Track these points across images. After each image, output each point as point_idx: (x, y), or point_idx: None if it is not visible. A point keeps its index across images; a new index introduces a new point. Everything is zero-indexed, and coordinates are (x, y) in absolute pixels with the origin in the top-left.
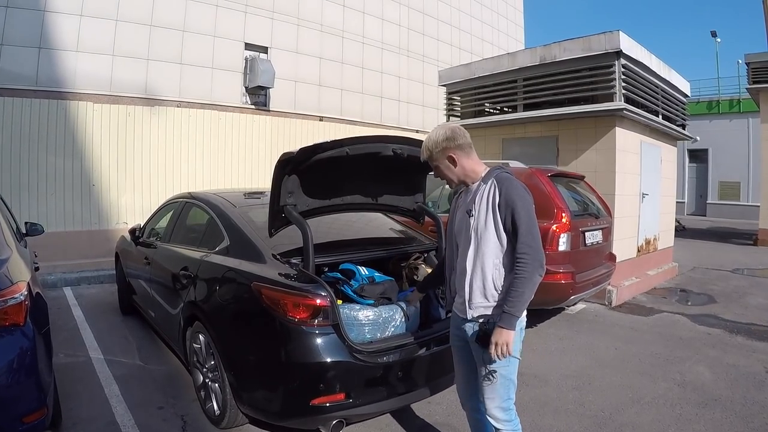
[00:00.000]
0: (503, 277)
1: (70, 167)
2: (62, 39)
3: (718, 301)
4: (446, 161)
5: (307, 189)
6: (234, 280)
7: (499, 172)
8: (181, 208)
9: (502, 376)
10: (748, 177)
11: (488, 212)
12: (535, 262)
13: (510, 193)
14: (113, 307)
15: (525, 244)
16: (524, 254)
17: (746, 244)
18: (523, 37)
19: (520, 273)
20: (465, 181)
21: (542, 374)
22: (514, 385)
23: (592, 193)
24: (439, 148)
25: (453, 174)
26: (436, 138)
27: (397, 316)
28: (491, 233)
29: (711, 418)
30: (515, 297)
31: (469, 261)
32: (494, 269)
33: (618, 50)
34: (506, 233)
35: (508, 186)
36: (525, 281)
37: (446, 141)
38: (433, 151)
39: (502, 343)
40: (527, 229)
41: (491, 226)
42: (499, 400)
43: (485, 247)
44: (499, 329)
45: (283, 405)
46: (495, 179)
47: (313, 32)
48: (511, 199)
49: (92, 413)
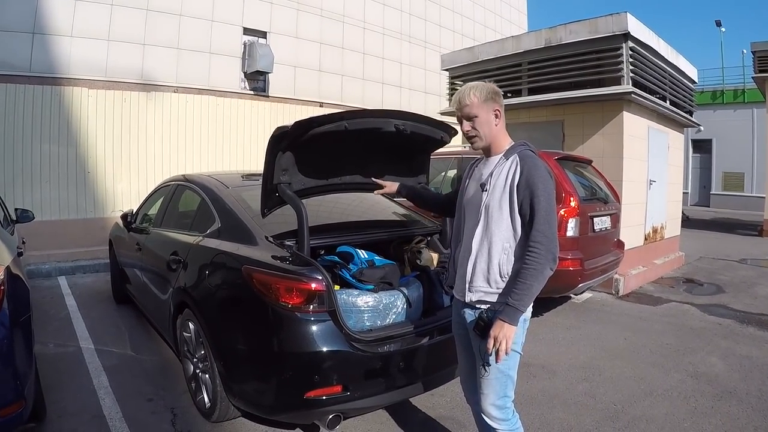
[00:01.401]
0: (511, 264)
1: (64, 154)
2: (56, 24)
3: (726, 291)
4: (491, 115)
5: (303, 167)
6: (224, 264)
7: (523, 149)
8: (173, 191)
9: (498, 371)
10: (752, 168)
11: (504, 191)
12: (548, 254)
13: (532, 174)
14: (107, 296)
15: (540, 232)
16: (538, 243)
17: (751, 234)
18: (526, 24)
19: (531, 264)
20: (493, 145)
21: (550, 365)
22: (512, 382)
23: (599, 178)
24: (489, 97)
25: (489, 131)
26: (484, 86)
27: (399, 302)
28: (504, 214)
29: (727, 412)
30: (522, 290)
31: (476, 240)
32: (502, 253)
33: (625, 32)
34: (521, 217)
35: (531, 166)
36: (535, 273)
37: (495, 95)
38: (480, 97)
39: (502, 338)
40: (545, 217)
41: (506, 206)
42: (494, 397)
43: (495, 228)
44: (500, 323)
45: (276, 398)
46: (518, 156)
47: (313, 17)
48: (533, 181)
49: (78, 405)
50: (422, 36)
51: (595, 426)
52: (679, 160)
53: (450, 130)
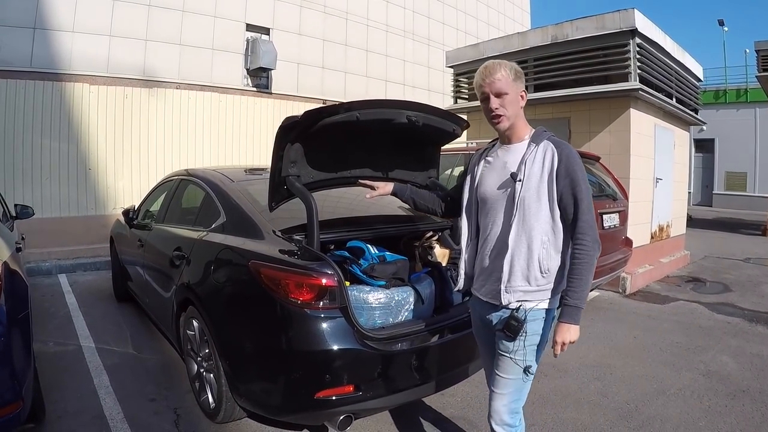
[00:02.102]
0: (551, 259)
1: (65, 151)
2: (58, 19)
3: (733, 290)
4: (518, 95)
5: (312, 159)
6: (230, 259)
7: (551, 135)
8: (177, 185)
9: (530, 374)
10: (754, 167)
11: (543, 179)
12: (595, 243)
13: (572, 161)
14: (108, 294)
15: (586, 222)
16: (585, 235)
17: (755, 234)
18: (529, 22)
19: (583, 257)
20: (515, 128)
21: (560, 364)
22: (527, 387)
23: (607, 175)
24: (518, 77)
25: (515, 113)
26: (512, 65)
27: (411, 299)
28: (544, 205)
29: (741, 411)
30: (580, 286)
31: (512, 236)
32: (542, 248)
33: (633, 29)
34: (560, 208)
35: (568, 153)
36: (588, 266)
37: (523, 75)
38: (512, 75)
39: (568, 342)
40: (588, 206)
41: (544, 196)
42: (509, 398)
43: (534, 221)
44: (566, 326)
45: (285, 398)
46: (551, 142)
47: (316, 13)
48: (573, 169)
49: (79, 405)
50: (426, 33)
51: (609, 426)
52: (685, 158)
53: (462, 123)
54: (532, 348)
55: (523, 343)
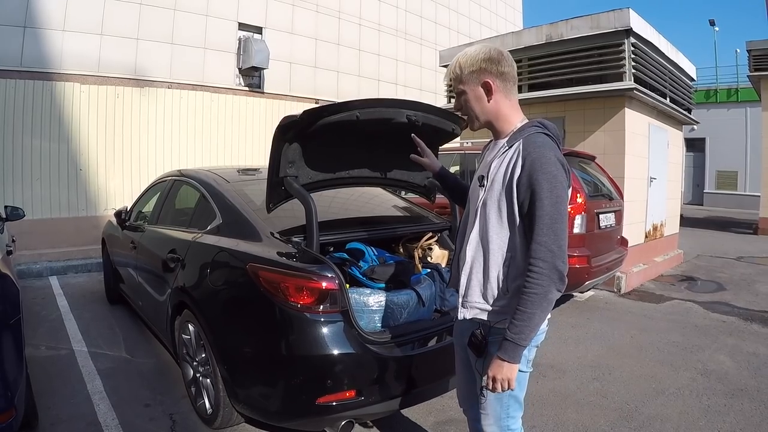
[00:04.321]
0: (514, 278)
1: (56, 151)
2: (48, 17)
3: (727, 289)
4: (479, 89)
5: (310, 159)
6: (227, 262)
7: (533, 132)
8: (170, 186)
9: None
10: (745, 166)
11: (504, 187)
12: (552, 272)
13: (535, 167)
14: (100, 296)
15: (542, 245)
16: (539, 261)
17: (746, 233)
18: (521, 22)
19: (532, 287)
20: (494, 126)
21: (559, 364)
22: (517, 402)
23: (603, 175)
24: (474, 68)
25: (481, 109)
26: (475, 53)
27: (412, 302)
28: (504, 217)
29: (741, 410)
30: (522, 320)
31: (471, 246)
32: (503, 265)
33: (628, 28)
34: (522, 220)
35: (535, 157)
36: (536, 299)
37: (486, 62)
38: (464, 69)
39: (502, 380)
40: (549, 224)
41: (504, 207)
42: (494, 419)
43: (494, 234)
44: (499, 362)
45: (285, 404)
46: (522, 143)
47: (308, 12)
48: (535, 178)
49: (73, 412)
50: (418, 33)
51: (610, 426)
52: (679, 157)
53: (460, 122)
54: None
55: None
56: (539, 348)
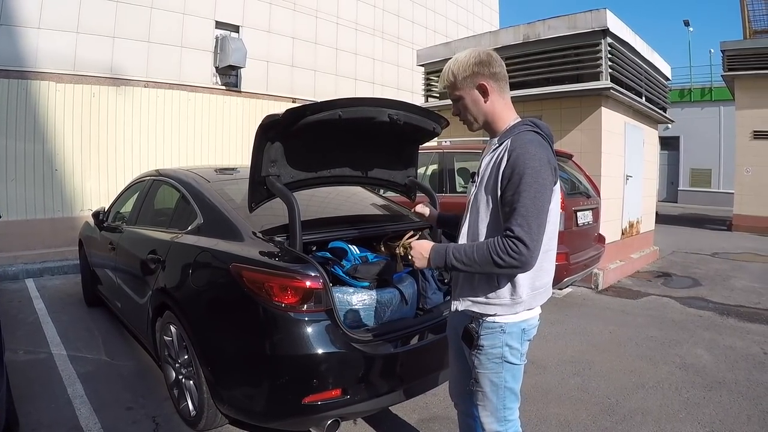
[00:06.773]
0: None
1: (31, 151)
2: (23, 15)
3: (703, 284)
4: (475, 92)
5: (292, 158)
6: (209, 262)
7: (523, 130)
8: (149, 186)
9: (491, 383)
10: (719, 164)
11: (492, 182)
12: (521, 256)
13: (518, 162)
14: (78, 298)
15: (519, 225)
16: (515, 240)
17: (720, 229)
18: (497, 22)
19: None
20: (491, 126)
21: (539, 360)
22: (512, 394)
23: (580, 173)
24: (468, 73)
25: (480, 111)
26: (465, 59)
27: (395, 299)
28: (492, 212)
29: (719, 402)
30: (464, 259)
31: (462, 239)
32: None
33: (604, 28)
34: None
35: (520, 152)
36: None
37: (478, 65)
38: (458, 76)
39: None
40: (525, 212)
41: (491, 201)
42: (491, 410)
43: (482, 226)
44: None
45: (270, 404)
46: (511, 139)
47: (286, 11)
48: (517, 171)
49: (54, 417)
50: (395, 32)
51: (591, 420)
52: (654, 155)
53: (442, 121)
54: (496, 364)
55: (483, 357)
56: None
